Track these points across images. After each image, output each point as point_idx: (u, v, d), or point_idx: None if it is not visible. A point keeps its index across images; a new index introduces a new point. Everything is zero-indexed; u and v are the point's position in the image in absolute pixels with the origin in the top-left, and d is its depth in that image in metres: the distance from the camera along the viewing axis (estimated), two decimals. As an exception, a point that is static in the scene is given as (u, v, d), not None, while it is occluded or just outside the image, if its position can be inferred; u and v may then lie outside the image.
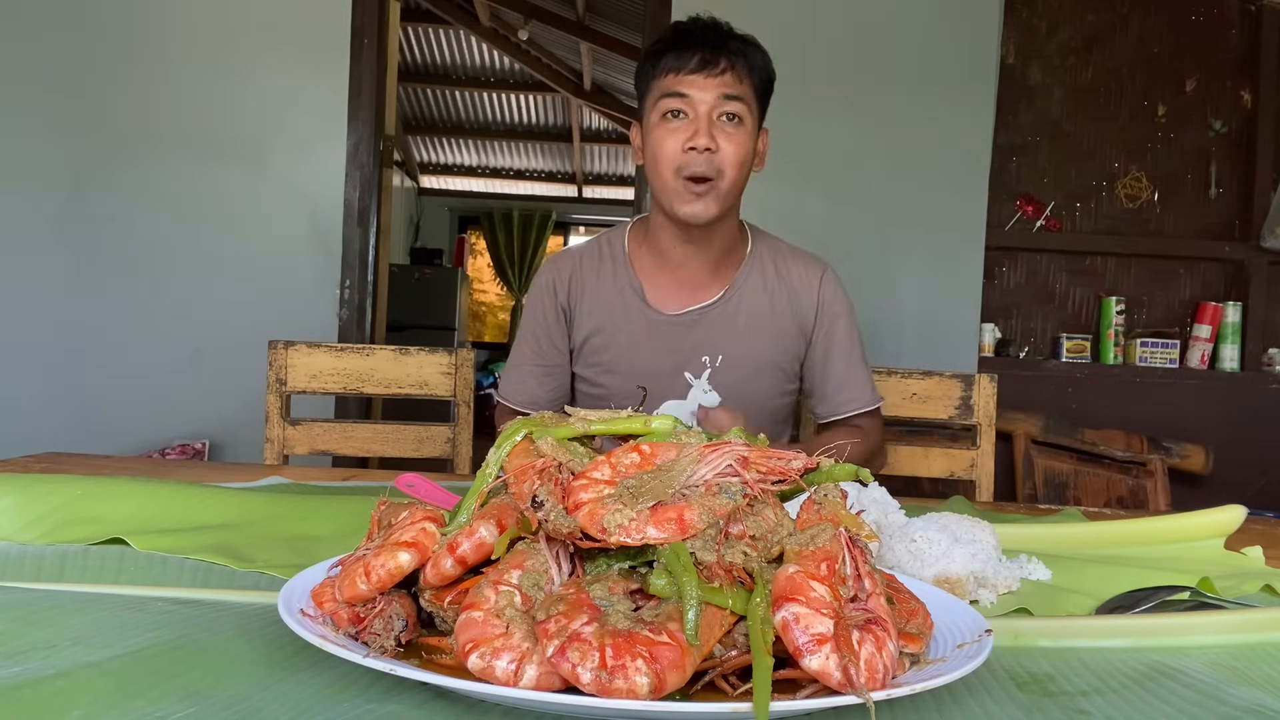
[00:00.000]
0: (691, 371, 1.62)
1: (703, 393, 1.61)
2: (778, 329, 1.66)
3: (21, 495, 0.99)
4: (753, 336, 1.64)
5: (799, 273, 1.68)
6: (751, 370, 1.64)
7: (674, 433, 0.68)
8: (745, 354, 1.63)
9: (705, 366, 1.62)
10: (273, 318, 3.22)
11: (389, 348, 1.89)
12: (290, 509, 1.08)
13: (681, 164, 1.51)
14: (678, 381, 1.62)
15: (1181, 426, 3.55)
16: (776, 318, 1.66)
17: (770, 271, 1.68)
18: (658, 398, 1.62)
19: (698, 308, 1.64)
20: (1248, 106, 3.74)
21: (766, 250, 1.69)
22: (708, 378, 1.62)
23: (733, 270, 1.66)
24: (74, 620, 0.70)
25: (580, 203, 10.19)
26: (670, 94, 1.51)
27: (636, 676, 0.51)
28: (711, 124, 1.50)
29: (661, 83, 1.53)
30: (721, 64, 1.50)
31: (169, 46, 3.32)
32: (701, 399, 1.61)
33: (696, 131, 1.49)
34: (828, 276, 1.69)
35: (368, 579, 0.63)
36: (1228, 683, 0.69)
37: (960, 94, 3.46)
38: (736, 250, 1.67)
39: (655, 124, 1.54)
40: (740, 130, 1.52)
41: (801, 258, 1.71)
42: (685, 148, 1.50)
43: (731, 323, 1.64)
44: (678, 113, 1.51)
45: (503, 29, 7.29)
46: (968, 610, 0.72)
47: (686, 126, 1.51)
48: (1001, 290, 3.78)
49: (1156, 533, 1.17)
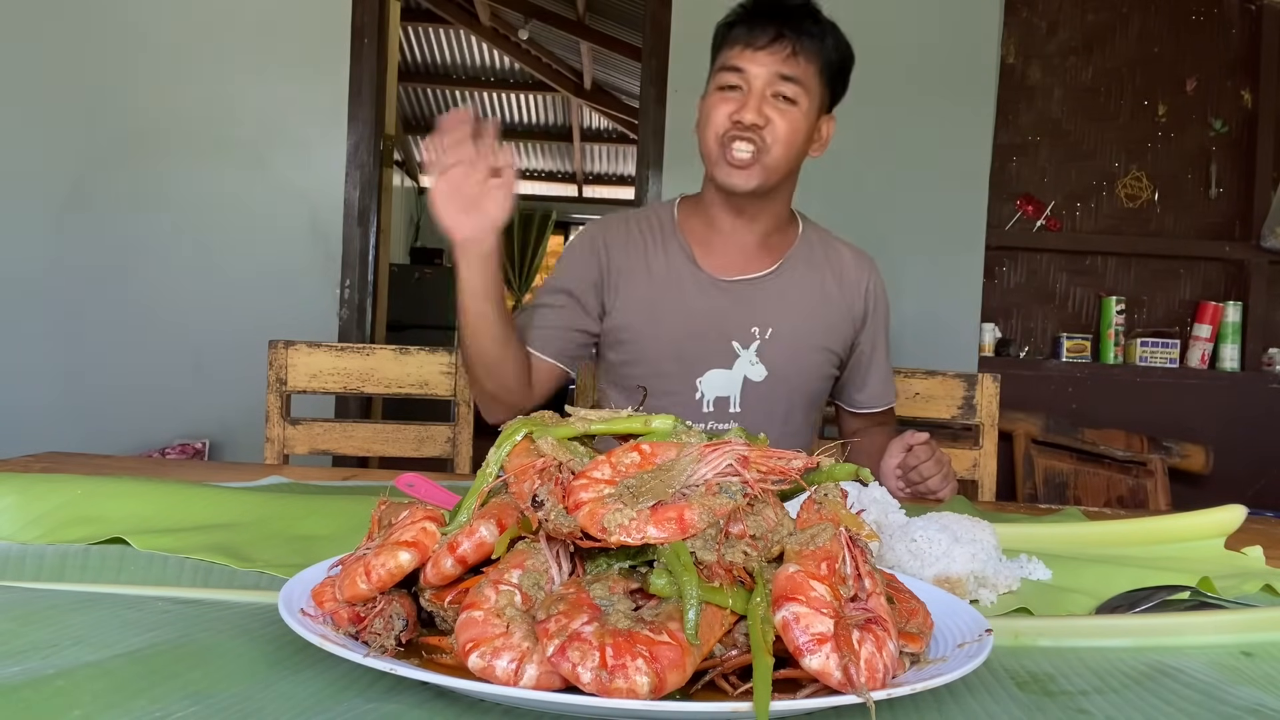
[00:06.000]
0: (739, 341, 1.61)
1: (749, 364, 1.59)
2: (828, 312, 1.66)
3: (21, 495, 0.99)
4: (803, 315, 1.63)
5: (849, 260, 1.70)
6: (799, 348, 1.63)
7: (674, 432, 0.68)
8: (794, 331, 1.62)
9: (755, 338, 1.61)
10: (273, 317, 3.21)
11: (389, 347, 1.89)
12: (290, 509, 1.08)
13: (725, 131, 1.51)
14: (725, 351, 1.61)
15: (1181, 426, 3.55)
16: (826, 300, 1.66)
17: (819, 255, 1.68)
18: (702, 365, 1.61)
19: (750, 277, 1.62)
20: (1248, 106, 3.74)
21: (816, 235, 1.70)
22: (756, 350, 1.61)
23: (784, 247, 1.66)
24: (74, 620, 0.70)
25: (580, 202, 10.20)
26: (728, 68, 1.52)
27: (637, 676, 0.51)
28: (763, 99, 1.50)
29: (725, 55, 1.53)
30: (785, 42, 1.49)
31: (169, 46, 3.32)
32: (748, 371, 1.59)
33: (744, 105, 1.49)
34: (876, 270, 1.72)
35: (368, 578, 0.63)
36: (1228, 683, 0.69)
37: (960, 94, 3.46)
38: (787, 231, 1.67)
39: (710, 92, 1.55)
40: (793, 109, 1.51)
41: (850, 247, 1.73)
42: (733, 118, 1.50)
43: (782, 297, 1.63)
44: (733, 86, 1.52)
45: (503, 29, 7.29)
46: (968, 610, 0.72)
47: (739, 99, 1.51)
48: (1001, 290, 3.78)
49: (1156, 533, 1.17)
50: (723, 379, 1.61)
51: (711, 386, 1.61)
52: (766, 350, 1.61)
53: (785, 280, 1.64)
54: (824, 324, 1.65)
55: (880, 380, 1.74)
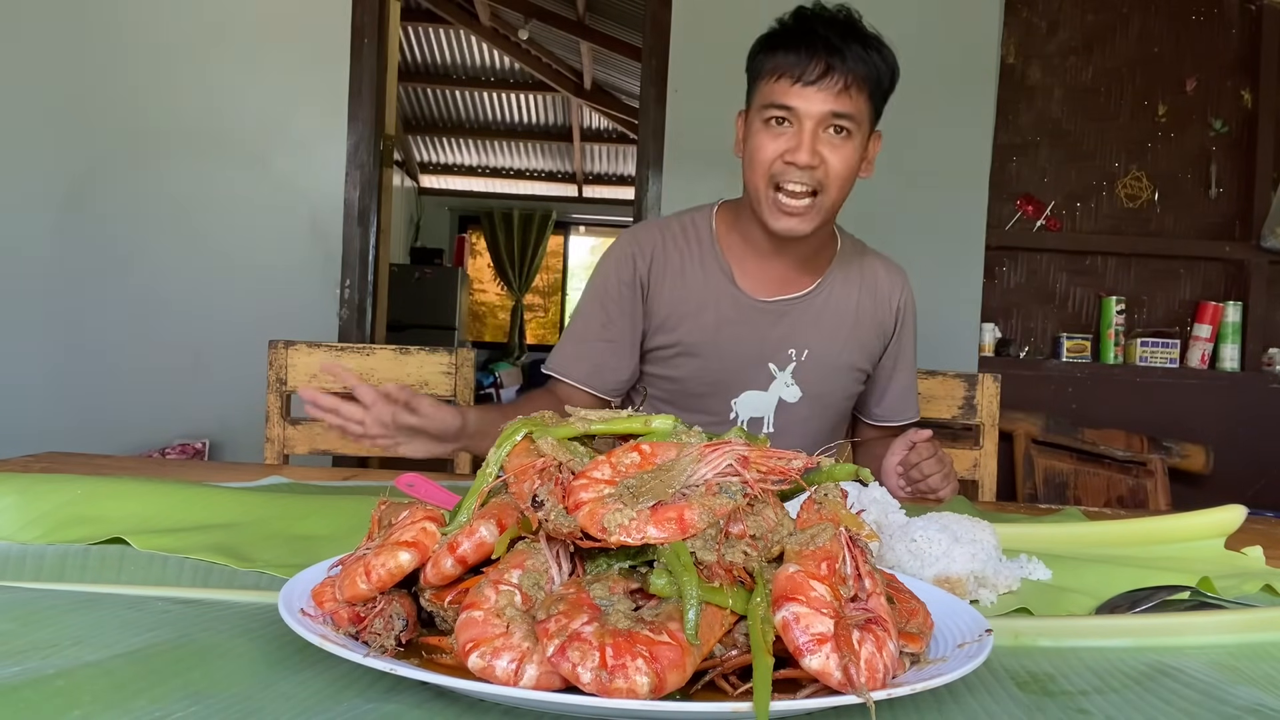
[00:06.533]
0: (776, 363, 1.58)
1: (784, 386, 1.58)
2: (860, 330, 1.62)
3: (21, 495, 0.99)
4: (839, 335, 1.60)
5: (883, 275, 1.66)
6: (833, 369, 1.61)
7: (674, 432, 0.68)
8: (829, 351, 1.60)
9: (790, 360, 1.58)
10: (273, 317, 3.22)
11: (389, 347, 1.89)
12: (290, 509, 1.08)
13: (778, 173, 1.43)
14: (761, 373, 1.58)
15: (1181, 426, 3.55)
16: (859, 317, 1.62)
17: (855, 271, 1.63)
18: (738, 387, 1.58)
19: (788, 298, 1.58)
20: (1248, 106, 3.74)
21: (852, 250, 1.65)
22: (792, 371, 1.58)
23: (823, 267, 1.60)
24: (74, 620, 0.70)
25: (580, 202, 10.19)
26: (776, 104, 1.42)
27: (637, 676, 0.51)
28: (816, 138, 1.41)
29: (771, 87, 1.43)
30: (837, 77, 1.40)
31: (169, 46, 3.33)
32: (783, 393, 1.58)
33: (799, 145, 1.41)
34: (908, 284, 1.68)
35: (368, 578, 0.63)
36: (1228, 682, 0.69)
37: (960, 94, 3.46)
38: (826, 249, 1.62)
39: (758, 127, 1.45)
40: (847, 143, 1.44)
41: (884, 261, 1.68)
42: (785, 159, 1.42)
43: (819, 318, 1.59)
44: (782, 120, 1.43)
45: (503, 28, 7.29)
46: (968, 610, 0.72)
47: (790, 136, 1.42)
48: (1001, 290, 3.78)
49: (1156, 533, 1.17)
50: (757, 400, 1.59)
51: (746, 408, 1.59)
52: (801, 372, 1.58)
53: (822, 300, 1.60)
54: (857, 343, 1.62)
55: (899, 395, 1.70)
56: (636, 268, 1.58)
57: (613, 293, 1.58)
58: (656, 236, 1.60)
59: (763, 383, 1.59)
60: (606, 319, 1.58)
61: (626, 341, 1.59)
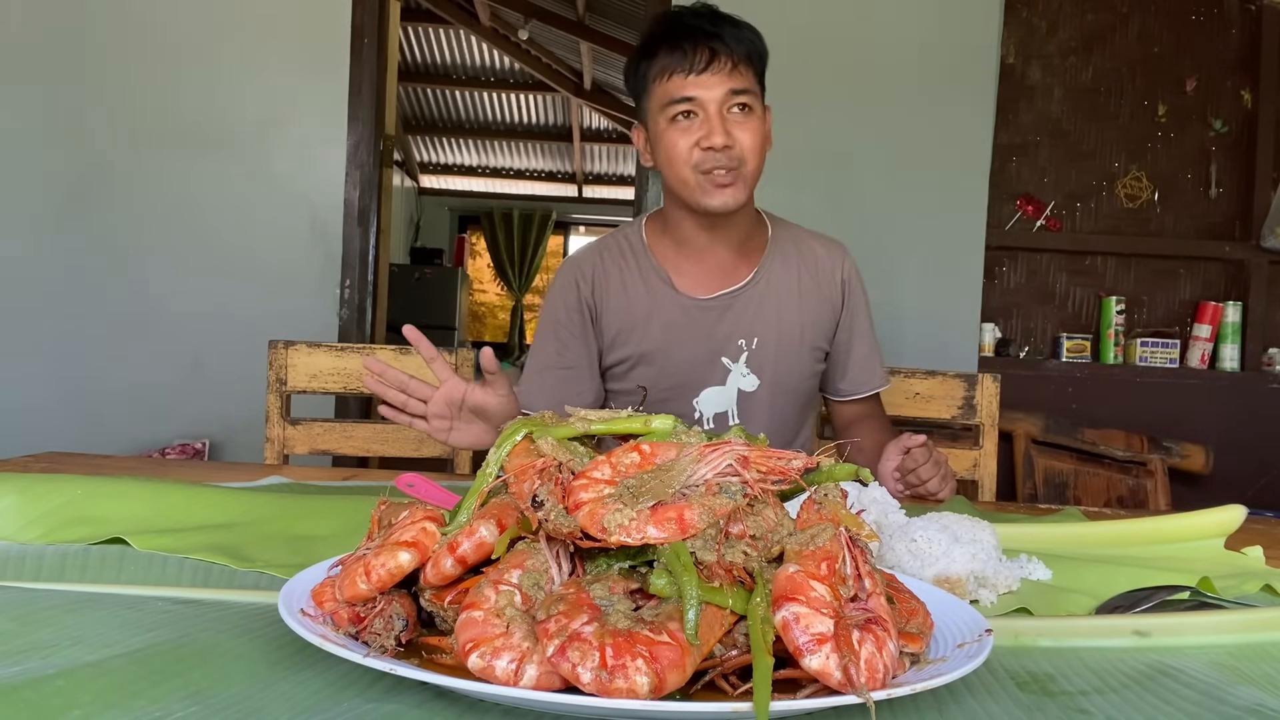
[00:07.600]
0: (728, 356, 1.62)
1: (741, 376, 1.62)
2: (806, 308, 1.66)
3: (21, 495, 0.99)
4: (785, 317, 1.64)
5: (821, 253, 1.70)
6: (787, 351, 1.64)
7: (674, 432, 0.68)
8: (779, 335, 1.64)
9: (742, 350, 1.62)
10: (273, 317, 3.22)
11: (389, 347, 1.89)
12: (290, 509, 1.08)
13: (699, 161, 1.49)
14: (716, 368, 1.62)
15: (1181, 426, 3.55)
16: (804, 296, 1.66)
17: (792, 253, 1.68)
18: (697, 386, 1.62)
19: (728, 291, 1.63)
20: (1248, 106, 3.74)
21: (785, 234, 1.70)
22: (745, 361, 1.62)
23: (757, 254, 1.66)
24: (74, 620, 0.70)
25: (580, 203, 10.20)
26: (677, 100, 1.49)
27: (636, 676, 0.51)
28: (723, 119, 1.48)
29: (665, 87, 1.50)
30: (724, 59, 1.48)
31: (169, 46, 3.32)
32: (740, 383, 1.62)
33: (711, 130, 1.48)
34: (848, 256, 1.73)
35: (368, 579, 0.63)
36: (1228, 683, 0.69)
37: (960, 94, 3.45)
38: (757, 235, 1.67)
39: (665, 128, 1.52)
40: (751, 117, 1.51)
41: (820, 238, 1.73)
42: (702, 146, 1.49)
43: (762, 304, 1.64)
44: (688, 114, 1.50)
45: (503, 29, 7.29)
46: (968, 610, 0.72)
47: (699, 125, 1.49)
48: (1001, 290, 3.78)
49: (1156, 533, 1.17)
50: (718, 395, 1.63)
51: (708, 404, 1.63)
52: (755, 360, 1.63)
53: (763, 287, 1.64)
54: (806, 322, 1.66)
55: (861, 366, 1.73)
56: (580, 292, 1.64)
57: (563, 320, 1.65)
58: (595, 258, 1.66)
59: (720, 378, 1.63)
60: (561, 347, 1.65)
61: (584, 365, 1.66)
